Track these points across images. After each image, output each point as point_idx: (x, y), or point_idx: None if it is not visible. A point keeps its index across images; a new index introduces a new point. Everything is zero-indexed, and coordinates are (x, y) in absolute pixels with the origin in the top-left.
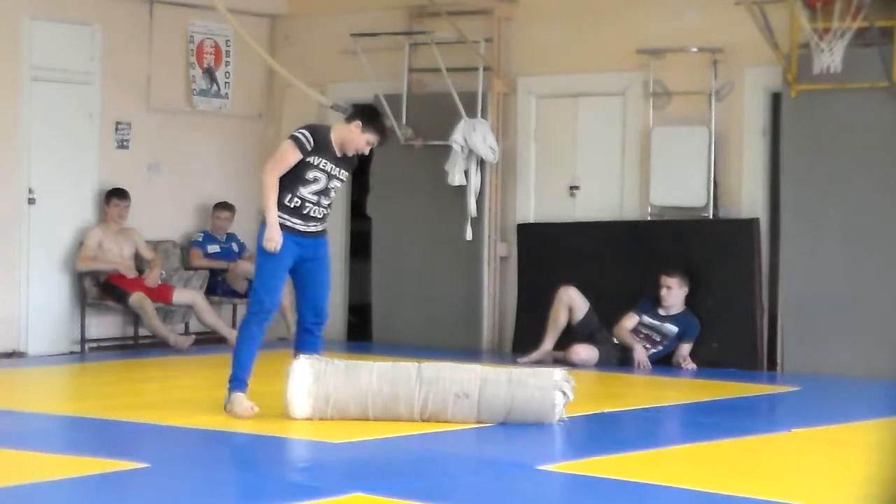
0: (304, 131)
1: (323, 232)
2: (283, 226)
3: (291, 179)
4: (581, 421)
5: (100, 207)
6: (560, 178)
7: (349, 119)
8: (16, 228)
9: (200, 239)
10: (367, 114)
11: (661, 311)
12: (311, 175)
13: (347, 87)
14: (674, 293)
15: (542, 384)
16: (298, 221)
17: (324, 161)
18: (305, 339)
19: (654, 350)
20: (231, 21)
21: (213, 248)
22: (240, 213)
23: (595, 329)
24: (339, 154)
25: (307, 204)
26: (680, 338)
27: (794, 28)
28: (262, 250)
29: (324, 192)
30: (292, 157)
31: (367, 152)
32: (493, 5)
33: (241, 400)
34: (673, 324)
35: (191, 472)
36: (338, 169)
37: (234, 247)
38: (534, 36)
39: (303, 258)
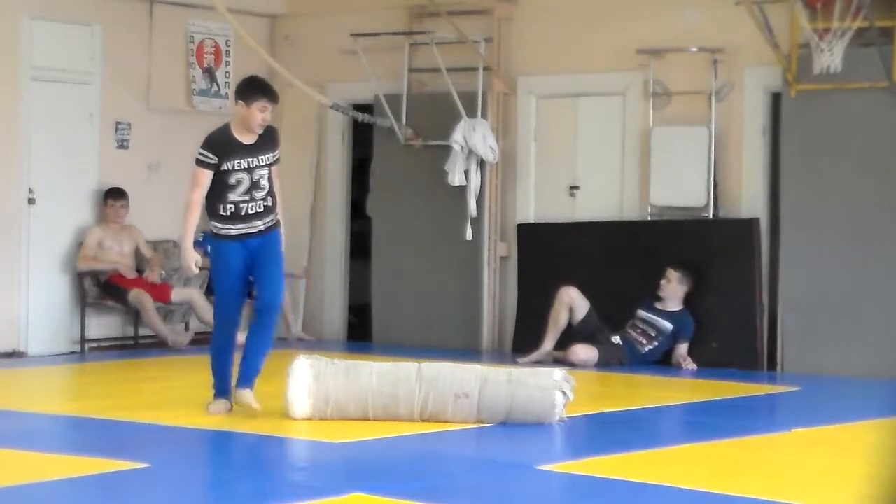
0: (201, 150)
1: (272, 228)
2: (227, 235)
3: (218, 190)
4: (581, 421)
5: (99, 207)
6: (560, 178)
7: (236, 102)
8: (16, 228)
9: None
10: (243, 88)
11: (659, 306)
12: (232, 179)
13: (347, 87)
14: (671, 286)
15: (542, 384)
16: (241, 225)
17: (236, 161)
18: (253, 330)
19: (649, 346)
20: (231, 21)
21: None
22: None
23: (595, 329)
24: (250, 142)
25: (241, 205)
26: (675, 336)
27: (794, 28)
28: (212, 266)
29: (253, 188)
30: (204, 178)
31: (269, 118)
32: (493, 5)
33: (219, 403)
34: (668, 320)
35: (191, 472)
36: (255, 159)
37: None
38: (534, 36)
39: (253, 257)
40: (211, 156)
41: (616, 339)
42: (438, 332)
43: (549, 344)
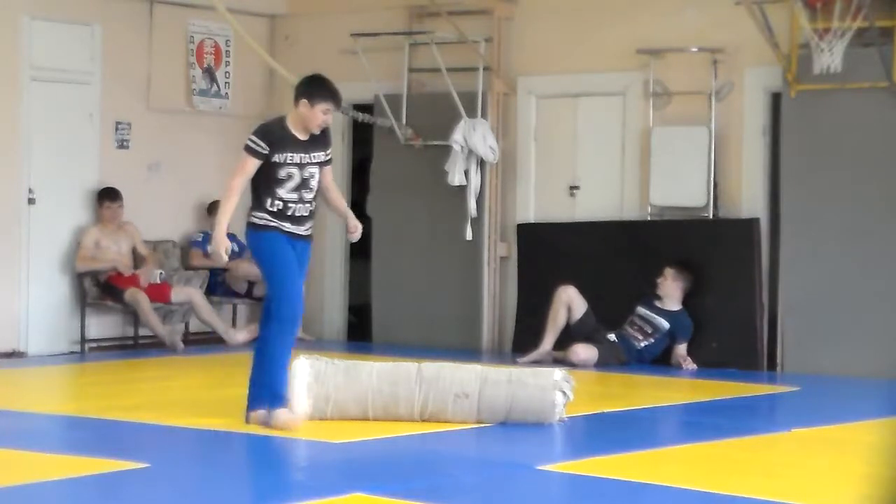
0: (253, 137)
1: (310, 237)
2: (270, 227)
3: (266, 182)
4: (581, 421)
5: (95, 208)
6: (560, 178)
7: (296, 100)
8: (16, 228)
9: (200, 239)
10: (308, 87)
11: (658, 304)
12: (282, 173)
13: (347, 87)
14: (667, 284)
15: (542, 384)
16: (288, 224)
17: (289, 155)
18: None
19: (645, 342)
20: (231, 21)
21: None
22: (241, 213)
23: (593, 329)
24: (304, 138)
25: (290, 204)
26: (671, 335)
27: (794, 28)
28: (264, 258)
29: (303, 186)
30: (251, 166)
31: (330, 122)
32: (493, 5)
33: (285, 413)
34: (665, 319)
35: (191, 472)
36: (308, 156)
37: (234, 247)
38: (534, 36)
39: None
40: (263, 145)
41: (612, 336)
42: (438, 332)
43: (548, 343)
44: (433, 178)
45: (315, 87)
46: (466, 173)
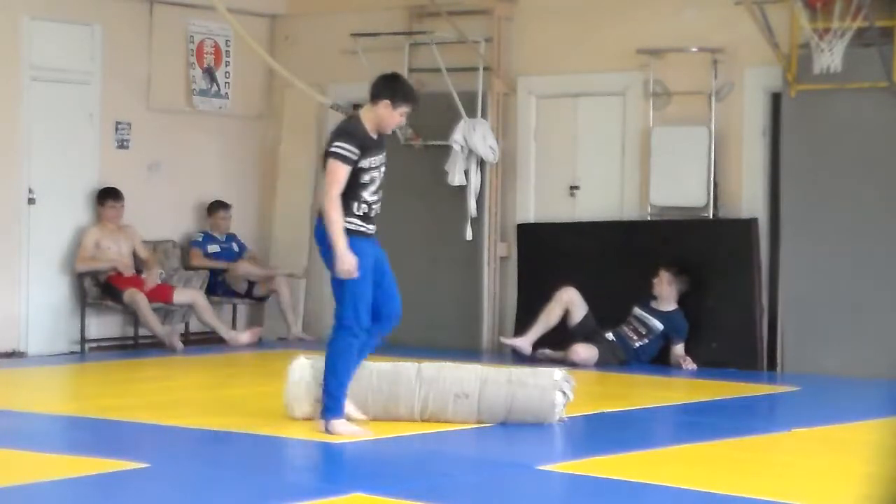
0: (342, 144)
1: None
2: (360, 233)
3: (352, 187)
4: (581, 421)
5: (96, 208)
6: (560, 178)
7: (375, 98)
8: (16, 228)
9: (200, 239)
10: (391, 88)
11: (654, 305)
12: (367, 177)
13: (347, 87)
14: (663, 286)
15: (542, 384)
16: (370, 226)
17: (372, 159)
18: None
19: (640, 343)
20: (231, 21)
21: (213, 248)
22: (241, 213)
23: (591, 331)
24: (375, 138)
25: (372, 207)
26: (666, 336)
27: (794, 28)
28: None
29: (380, 187)
30: (343, 174)
31: (404, 123)
32: (493, 5)
33: (345, 424)
34: (659, 320)
35: (191, 472)
36: (382, 156)
37: (235, 247)
38: (534, 36)
39: (376, 261)
40: (355, 150)
41: (610, 335)
42: (438, 332)
43: (532, 335)
44: (433, 178)
45: (398, 89)
46: (466, 173)
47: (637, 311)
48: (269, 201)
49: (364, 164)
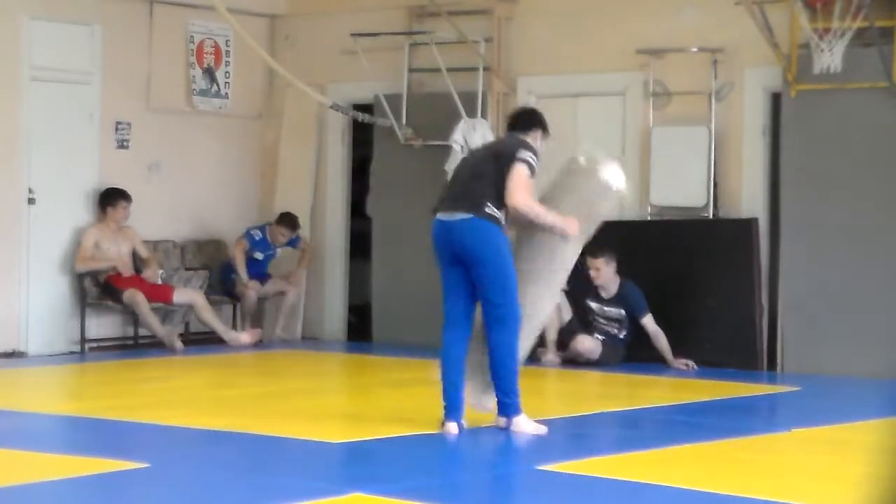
0: (533, 156)
1: None
2: (503, 229)
3: (503, 193)
4: (581, 421)
5: (99, 208)
6: None
7: (533, 128)
8: (16, 228)
9: (258, 238)
10: (543, 121)
11: (603, 295)
12: None
13: (347, 87)
14: (602, 273)
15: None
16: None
17: None
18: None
19: (620, 333)
20: (231, 21)
21: (258, 255)
22: (241, 212)
23: (579, 331)
24: None
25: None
26: (632, 316)
27: (794, 28)
28: (502, 260)
29: None
30: (530, 181)
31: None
32: (493, 5)
33: (529, 421)
34: (616, 306)
35: (191, 472)
36: None
37: (269, 262)
38: (534, 36)
39: None
40: (536, 166)
41: (600, 338)
42: (438, 331)
43: (552, 347)
44: (433, 178)
45: (545, 124)
46: None
47: (594, 306)
48: (269, 201)
49: None
